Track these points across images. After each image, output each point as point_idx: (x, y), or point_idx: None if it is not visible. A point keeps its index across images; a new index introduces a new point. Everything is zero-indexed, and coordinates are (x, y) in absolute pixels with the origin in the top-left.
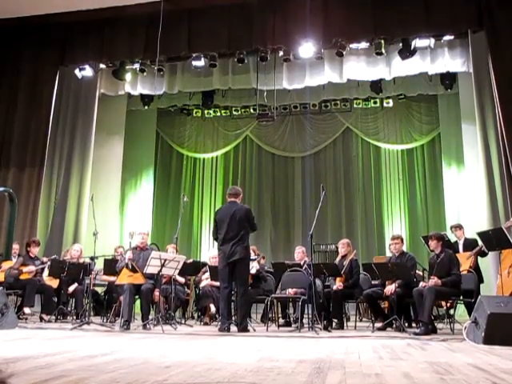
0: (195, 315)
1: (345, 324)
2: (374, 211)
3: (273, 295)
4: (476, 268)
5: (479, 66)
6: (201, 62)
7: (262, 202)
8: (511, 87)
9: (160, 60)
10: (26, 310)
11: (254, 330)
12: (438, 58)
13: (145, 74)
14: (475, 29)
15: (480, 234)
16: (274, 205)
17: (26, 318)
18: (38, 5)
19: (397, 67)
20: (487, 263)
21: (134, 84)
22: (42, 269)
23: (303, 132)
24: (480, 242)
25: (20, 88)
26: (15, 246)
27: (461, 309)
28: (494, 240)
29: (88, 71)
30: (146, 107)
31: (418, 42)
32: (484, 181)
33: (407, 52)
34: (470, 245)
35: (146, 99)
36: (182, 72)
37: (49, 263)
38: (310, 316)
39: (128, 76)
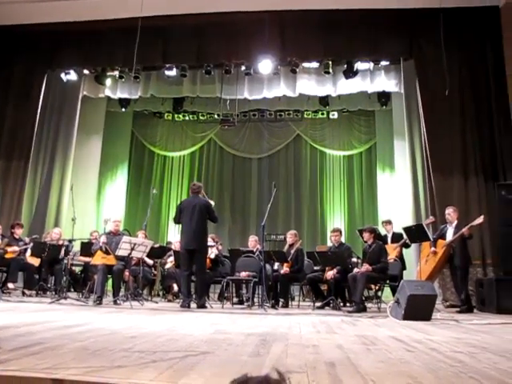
0: (160, 293)
1: (290, 303)
2: (319, 207)
3: (228, 277)
4: (400, 257)
5: (409, 88)
6: (173, 72)
7: (222, 196)
8: (434, 108)
9: (137, 69)
10: (10, 285)
11: (211, 307)
12: (375, 79)
13: (123, 80)
14: (406, 57)
15: (405, 229)
16: (233, 199)
17: (10, 293)
18: (31, 14)
19: (341, 85)
20: (410, 253)
21: (114, 88)
22: (25, 249)
23: (260, 137)
24: (405, 236)
25: (11, 89)
26: None
27: (387, 291)
28: (415, 234)
29: (73, 75)
30: (124, 110)
31: (359, 65)
32: (410, 185)
33: (350, 73)
34: (396, 237)
35: (123, 102)
36: (156, 80)
37: (31, 244)
38: (260, 296)
39: (108, 81)
